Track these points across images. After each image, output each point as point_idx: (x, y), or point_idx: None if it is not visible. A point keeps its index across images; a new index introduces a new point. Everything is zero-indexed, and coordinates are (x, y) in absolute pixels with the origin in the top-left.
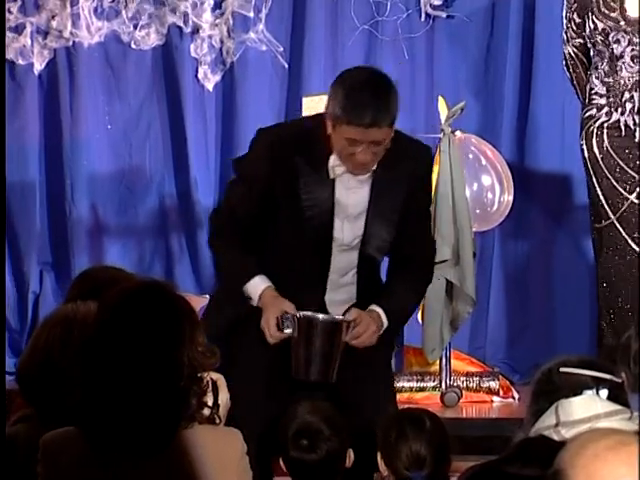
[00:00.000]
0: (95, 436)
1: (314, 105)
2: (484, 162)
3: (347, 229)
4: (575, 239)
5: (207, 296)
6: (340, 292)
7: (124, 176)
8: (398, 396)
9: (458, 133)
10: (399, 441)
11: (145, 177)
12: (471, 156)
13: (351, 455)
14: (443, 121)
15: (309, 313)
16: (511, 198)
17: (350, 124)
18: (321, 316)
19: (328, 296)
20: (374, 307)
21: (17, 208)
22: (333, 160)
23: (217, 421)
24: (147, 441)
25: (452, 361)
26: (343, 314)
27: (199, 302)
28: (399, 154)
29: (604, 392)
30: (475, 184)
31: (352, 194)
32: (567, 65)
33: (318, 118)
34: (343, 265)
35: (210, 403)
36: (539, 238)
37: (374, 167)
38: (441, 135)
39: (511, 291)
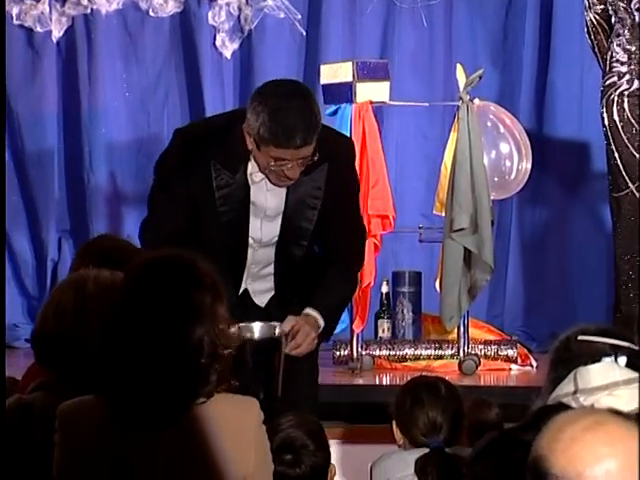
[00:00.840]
0: (112, 404)
1: (332, 72)
2: (502, 130)
3: (265, 228)
4: (593, 207)
5: None
6: (260, 282)
7: (142, 144)
8: (416, 364)
9: (476, 101)
10: (415, 408)
11: (163, 145)
12: (489, 124)
13: (333, 470)
14: (461, 89)
15: (246, 326)
16: (529, 166)
17: (279, 147)
18: (257, 331)
19: (250, 287)
20: (309, 311)
21: (35, 176)
22: (252, 167)
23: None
24: (162, 413)
25: (470, 329)
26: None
27: None
28: (317, 151)
29: (622, 359)
30: (493, 152)
31: (270, 196)
32: (588, 32)
33: (233, 118)
34: (261, 259)
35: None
36: (557, 206)
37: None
38: (459, 103)
39: (529, 259)
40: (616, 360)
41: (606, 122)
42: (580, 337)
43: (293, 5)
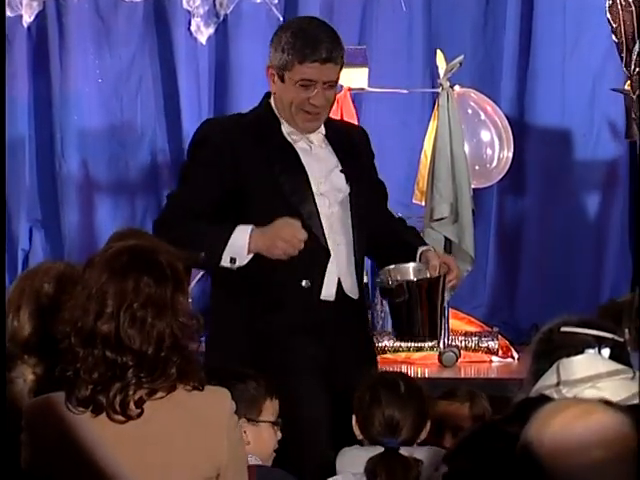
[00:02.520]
0: (72, 400)
1: None
2: (483, 117)
3: (327, 184)
4: (576, 196)
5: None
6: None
7: (115, 131)
8: (396, 356)
9: (457, 88)
10: (373, 405)
11: (136, 132)
12: (470, 111)
13: None
14: (441, 76)
15: (403, 268)
16: (510, 154)
17: (304, 62)
18: (412, 273)
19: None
20: (423, 248)
21: (6, 164)
22: (286, 128)
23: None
24: (121, 407)
25: (450, 320)
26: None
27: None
28: (339, 127)
29: (606, 351)
30: (474, 140)
31: (319, 155)
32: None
33: (252, 109)
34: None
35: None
36: (539, 195)
37: (321, 126)
38: (439, 90)
39: (511, 249)
40: (600, 352)
41: None
42: (563, 328)
43: None
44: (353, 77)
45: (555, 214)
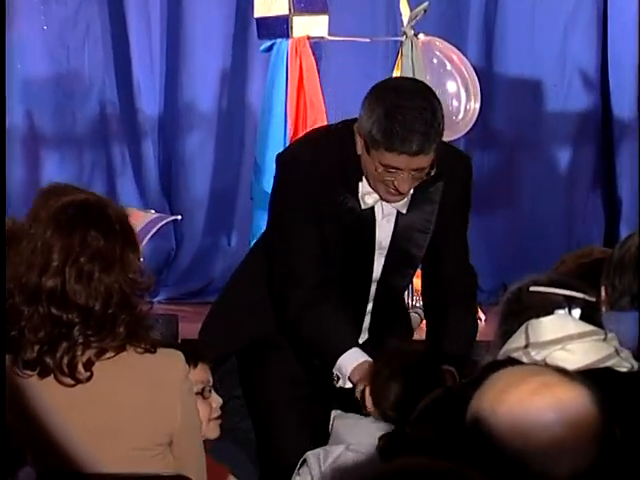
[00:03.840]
0: (20, 363)
1: (267, 6)
2: (449, 67)
3: (377, 261)
4: (546, 150)
5: (152, 211)
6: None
7: (61, 81)
8: None
9: (421, 36)
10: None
11: (84, 82)
12: (435, 61)
13: None
14: (405, 23)
15: None
16: (478, 106)
17: (392, 151)
18: None
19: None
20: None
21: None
22: (362, 187)
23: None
24: (70, 369)
25: (414, 280)
26: None
27: (142, 217)
28: (435, 165)
29: (576, 312)
30: (439, 91)
31: (385, 223)
32: None
33: (345, 131)
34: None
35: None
36: (507, 148)
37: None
38: (403, 38)
39: (478, 206)
40: (570, 312)
41: None
42: (532, 288)
43: None
44: (312, 25)
45: (524, 168)
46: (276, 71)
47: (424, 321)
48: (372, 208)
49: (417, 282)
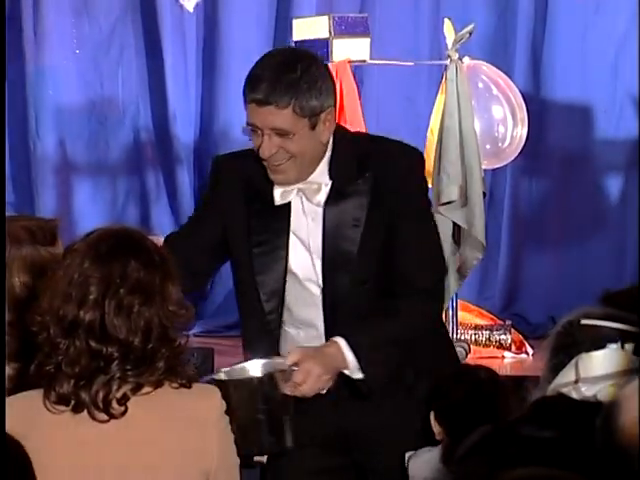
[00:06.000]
0: (52, 397)
1: (306, 28)
2: (495, 92)
3: (301, 258)
4: (595, 178)
5: None
6: (306, 330)
7: (94, 108)
8: None
9: (466, 60)
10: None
11: (118, 109)
12: (481, 85)
13: None
14: (450, 46)
15: (236, 367)
16: (525, 132)
17: (245, 100)
18: (250, 370)
19: (292, 336)
20: (336, 338)
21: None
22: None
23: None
24: (104, 404)
25: (459, 313)
26: None
27: None
28: (369, 160)
29: (630, 346)
30: (485, 116)
31: (310, 222)
32: None
33: None
34: (303, 298)
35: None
36: (555, 176)
37: (303, 176)
38: (447, 62)
39: (525, 235)
40: (623, 347)
41: None
42: (583, 321)
43: None
44: (354, 48)
45: (573, 197)
46: None
47: (469, 355)
48: (288, 205)
49: (462, 315)
